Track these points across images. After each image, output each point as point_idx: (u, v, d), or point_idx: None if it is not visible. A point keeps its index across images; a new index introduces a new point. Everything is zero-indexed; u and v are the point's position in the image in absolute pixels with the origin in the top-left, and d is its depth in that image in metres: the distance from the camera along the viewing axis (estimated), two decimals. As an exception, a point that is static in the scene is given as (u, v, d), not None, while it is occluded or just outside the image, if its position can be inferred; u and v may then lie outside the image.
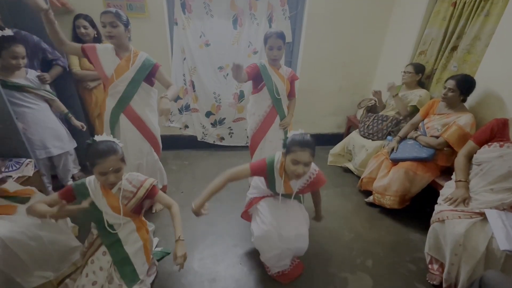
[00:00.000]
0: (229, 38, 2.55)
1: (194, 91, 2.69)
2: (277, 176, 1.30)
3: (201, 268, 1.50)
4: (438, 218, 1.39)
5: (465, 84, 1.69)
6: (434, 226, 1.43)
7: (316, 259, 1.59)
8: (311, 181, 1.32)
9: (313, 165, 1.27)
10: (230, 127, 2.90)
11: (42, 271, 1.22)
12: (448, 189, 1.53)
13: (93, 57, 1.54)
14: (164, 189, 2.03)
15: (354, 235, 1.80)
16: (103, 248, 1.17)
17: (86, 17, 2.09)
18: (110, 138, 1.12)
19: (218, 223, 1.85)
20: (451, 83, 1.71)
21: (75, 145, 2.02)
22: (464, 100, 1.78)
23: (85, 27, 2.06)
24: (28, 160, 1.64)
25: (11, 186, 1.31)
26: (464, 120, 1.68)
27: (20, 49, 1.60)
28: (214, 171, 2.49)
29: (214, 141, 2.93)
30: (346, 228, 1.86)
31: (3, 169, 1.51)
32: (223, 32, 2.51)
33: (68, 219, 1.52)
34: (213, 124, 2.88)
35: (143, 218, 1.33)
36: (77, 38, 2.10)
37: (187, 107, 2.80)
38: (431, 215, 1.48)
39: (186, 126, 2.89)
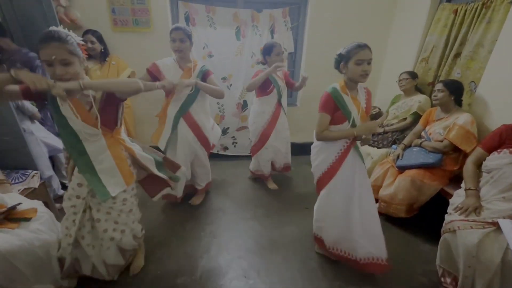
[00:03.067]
0: (232, 49, 2.60)
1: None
2: (344, 95, 1.34)
3: (205, 280, 1.46)
4: (449, 229, 1.34)
5: (452, 84, 1.79)
6: (445, 237, 1.38)
7: (322, 271, 1.54)
8: (367, 91, 1.43)
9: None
10: (233, 137, 2.91)
11: (42, 284, 1.21)
12: (457, 198, 1.48)
13: (159, 74, 1.70)
14: (208, 186, 2.18)
15: (361, 246, 1.75)
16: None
17: (95, 33, 2.16)
18: (62, 30, 1.03)
19: (222, 234, 1.82)
20: (438, 85, 1.84)
21: None
22: (458, 103, 1.83)
23: (92, 42, 2.13)
24: (34, 172, 1.66)
25: (16, 199, 1.31)
26: (462, 119, 1.70)
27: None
28: (218, 181, 2.49)
29: (218, 151, 2.93)
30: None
31: (11, 181, 1.53)
32: (226, 43, 2.56)
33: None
34: (217, 134, 2.89)
35: (122, 135, 1.28)
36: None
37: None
38: (441, 225, 1.43)
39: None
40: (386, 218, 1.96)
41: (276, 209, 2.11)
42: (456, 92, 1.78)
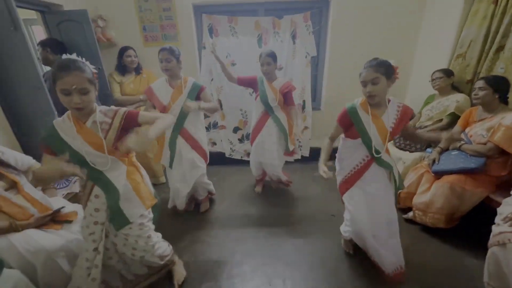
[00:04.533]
0: (254, 57, 2.62)
1: (222, 109, 2.80)
2: (362, 113, 1.28)
3: (230, 286, 1.46)
4: (498, 241, 1.20)
5: (496, 81, 1.61)
6: (493, 250, 1.23)
7: (351, 284, 1.46)
8: (401, 110, 1.28)
9: (395, 99, 1.30)
10: (257, 142, 2.92)
11: None
12: (507, 206, 1.32)
13: (153, 97, 1.78)
14: (209, 194, 2.23)
15: (395, 257, 1.63)
16: (95, 191, 1.15)
17: (132, 48, 2.36)
18: (78, 59, 1.03)
19: (246, 240, 1.82)
20: (479, 83, 1.67)
21: None
22: (504, 101, 1.64)
23: (134, 56, 2.32)
24: (76, 178, 1.82)
25: (60, 202, 1.45)
26: (510, 119, 1.51)
27: None
28: (243, 187, 2.51)
29: (241, 157, 2.97)
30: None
31: (56, 187, 1.69)
32: (248, 51, 2.61)
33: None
34: (241, 140, 2.93)
35: (134, 160, 1.26)
36: (121, 66, 2.34)
37: (215, 125, 2.90)
38: (487, 237, 1.28)
39: (214, 143, 2.98)
40: (423, 228, 1.81)
41: (301, 217, 2.06)
42: (500, 89, 1.61)
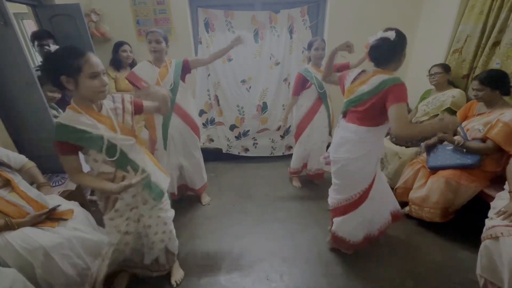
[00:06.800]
0: (251, 52, 2.61)
1: (219, 105, 2.78)
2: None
3: (227, 282, 1.48)
4: (491, 235, 1.22)
5: (491, 78, 1.59)
6: (486, 244, 1.25)
7: (347, 277, 1.49)
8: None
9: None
10: (254, 138, 2.92)
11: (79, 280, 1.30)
12: (500, 201, 1.34)
13: (136, 79, 1.75)
14: (204, 187, 2.22)
15: (390, 251, 1.65)
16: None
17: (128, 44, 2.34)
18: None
19: (244, 235, 1.83)
20: (474, 84, 1.65)
21: None
22: (507, 93, 1.62)
23: (130, 51, 2.30)
24: (72, 175, 1.79)
25: (56, 200, 1.43)
26: (509, 116, 1.51)
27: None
28: (240, 183, 2.51)
29: (239, 152, 2.96)
30: (381, 243, 1.71)
31: (52, 184, 1.67)
32: (245, 46, 2.57)
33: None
34: (238, 137, 2.92)
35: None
36: (116, 61, 2.31)
37: (212, 121, 2.89)
38: (481, 230, 1.30)
39: (211, 140, 2.97)
40: (419, 222, 1.84)
41: (298, 211, 2.08)
42: (499, 85, 1.58)
